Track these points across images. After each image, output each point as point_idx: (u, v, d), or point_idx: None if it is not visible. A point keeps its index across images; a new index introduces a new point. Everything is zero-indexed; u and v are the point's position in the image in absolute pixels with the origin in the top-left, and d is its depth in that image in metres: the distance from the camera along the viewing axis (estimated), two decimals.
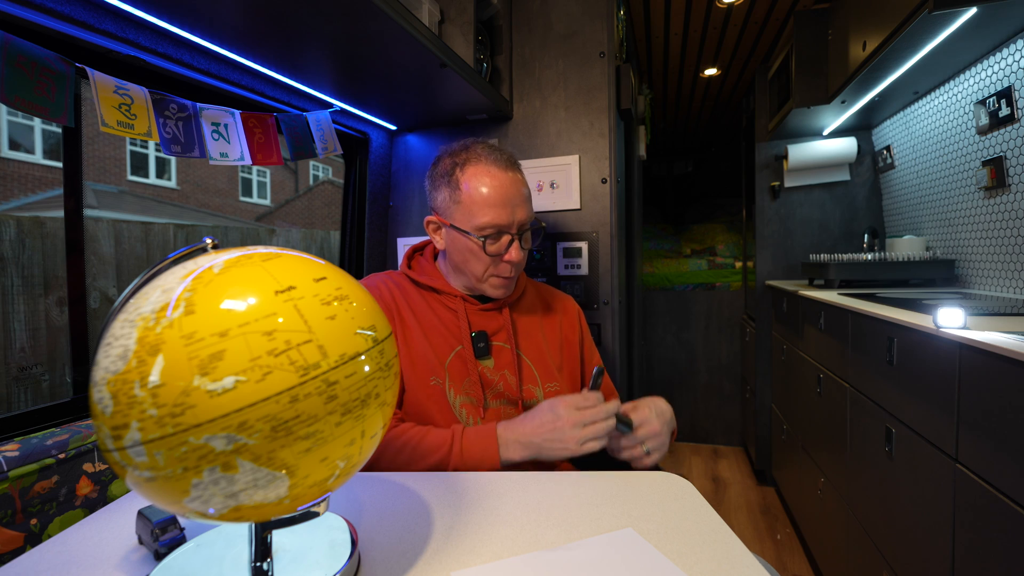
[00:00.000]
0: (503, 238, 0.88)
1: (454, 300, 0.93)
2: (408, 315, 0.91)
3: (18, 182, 7.15)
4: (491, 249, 0.87)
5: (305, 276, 0.39)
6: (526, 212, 0.89)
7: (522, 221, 0.88)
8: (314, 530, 0.51)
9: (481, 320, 0.93)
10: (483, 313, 0.94)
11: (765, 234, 2.55)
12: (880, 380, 1.21)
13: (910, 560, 1.07)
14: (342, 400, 0.37)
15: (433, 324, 0.91)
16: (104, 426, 0.34)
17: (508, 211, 0.86)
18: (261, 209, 11.23)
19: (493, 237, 0.87)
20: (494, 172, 0.87)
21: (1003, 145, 1.40)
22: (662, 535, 0.52)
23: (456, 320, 0.92)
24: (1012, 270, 1.42)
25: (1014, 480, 0.76)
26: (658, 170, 4.63)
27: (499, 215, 0.86)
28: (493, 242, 0.87)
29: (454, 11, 1.32)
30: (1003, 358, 0.77)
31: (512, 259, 0.88)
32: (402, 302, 0.92)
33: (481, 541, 0.52)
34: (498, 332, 0.94)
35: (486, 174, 0.87)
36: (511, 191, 0.87)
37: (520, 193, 0.89)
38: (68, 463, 0.75)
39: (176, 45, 0.94)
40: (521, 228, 0.89)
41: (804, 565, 1.87)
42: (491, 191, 0.86)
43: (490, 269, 0.89)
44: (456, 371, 0.88)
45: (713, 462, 2.91)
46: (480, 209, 0.86)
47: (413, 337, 0.89)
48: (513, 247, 0.88)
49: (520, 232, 0.89)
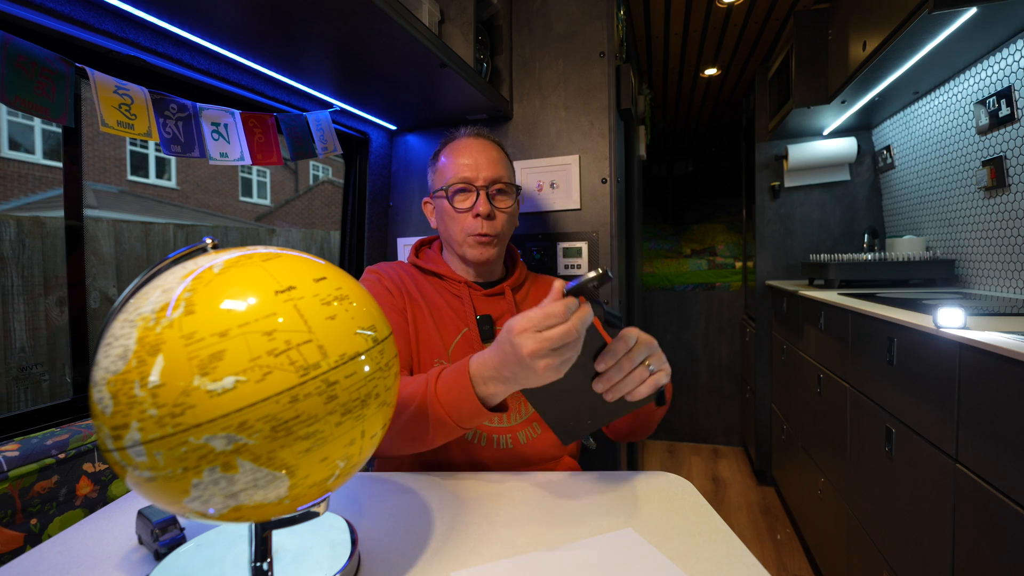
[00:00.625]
0: (471, 194, 0.93)
1: (459, 286, 0.95)
2: (417, 296, 0.93)
3: (18, 182, 7.15)
4: (458, 203, 0.93)
5: (305, 276, 0.39)
6: (494, 171, 0.94)
7: (489, 177, 0.93)
8: (314, 530, 0.51)
9: (486, 305, 0.95)
10: (487, 299, 0.96)
11: (765, 234, 2.55)
12: (880, 380, 1.21)
13: (910, 560, 1.07)
14: (342, 400, 0.37)
15: (440, 307, 0.93)
16: (104, 426, 0.34)
17: (472, 166, 0.93)
18: (261, 209, 11.23)
19: (461, 193, 0.93)
20: (464, 140, 0.97)
21: (1003, 145, 1.40)
22: (662, 535, 0.52)
23: (462, 305, 0.93)
24: (1012, 270, 1.42)
25: (1014, 480, 0.76)
26: (658, 170, 4.63)
27: (462, 168, 0.93)
28: (462, 198, 0.93)
29: (454, 11, 1.32)
30: (1003, 358, 0.77)
31: (479, 211, 0.91)
32: (411, 285, 0.94)
33: (481, 541, 0.52)
34: (502, 316, 0.95)
35: (458, 143, 0.97)
36: (475, 149, 0.95)
37: (486, 152, 0.95)
38: (68, 463, 0.75)
39: (176, 45, 0.94)
40: (489, 183, 0.93)
41: (804, 565, 1.87)
42: (457, 152, 0.95)
43: (465, 227, 0.92)
44: (461, 355, 0.88)
45: (713, 462, 2.91)
46: (448, 169, 0.94)
47: (421, 318, 0.90)
48: (480, 200, 0.92)
49: (488, 187, 0.93)
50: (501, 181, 0.94)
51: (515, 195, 0.98)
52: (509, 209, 0.96)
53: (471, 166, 0.93)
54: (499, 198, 0.95)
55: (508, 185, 0.96)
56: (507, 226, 0.96)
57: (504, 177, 0.95)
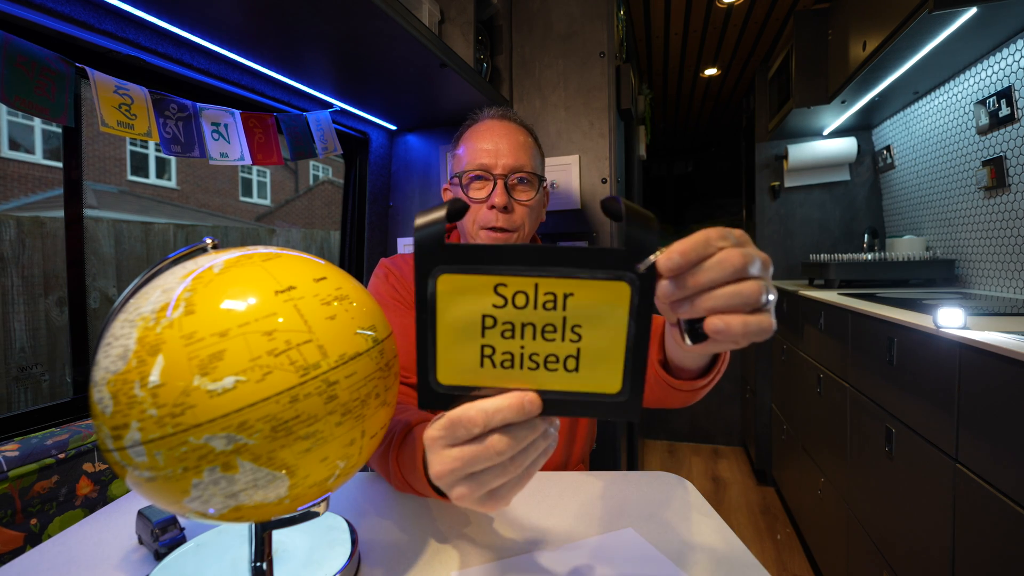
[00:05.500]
0: (488, 183, 0.84)
1: None
2: None
3: (18, 182, 7.15)
4: (473, 192, 0.84)
5: (305, 276, 0.39)
6: (515, 158, 0.84)
7: (509, 165, 0.83)
8: (314, 530, 0.51)
9: None
10: None
11: (765, 234, 2.55)
12: (880, 380, 1.21)
13: (910, 560, 1.07)
14: (342, 400, 0.37)
15: None
16: (104, 426, 0.34)
17: (491, 152, 0.83)
18: (261, 209, 11.23)
19: (477, 181, 0.84)
20: (487, 123, 0.87)
21: (1003, 145, 1.40)
22: (662, 535, 0.52)
23: None
24: (1012, 270, 1.42)
25: (1014, 480, 0.76)
26: (658, 170, 4.63)
27: (480, 155, 0.83)
28: (478, 187, 0.84)
29: (454, 11, 1.32)
30: (1003, 358, 0.77)
31: (495, 202, 0.82)
32: None
33: (481, 541, 0.52)
34: None
35: (480, 125, 0.88)
36: (497, 133, 0.85)
37: (509, 137, 0.85)
38: (68, 463, 0.75)
39: (176, 45, 0.94)
40: (509, 172, 0.83)
41: (804, 565, 1.87)
42: (478, 136, 0.86)
43: (479, 219, 0.84)
44: None
45: (713, 462, 2.91)
46: (467, 156, 0.85)
47: None
48: (497, 190, 0.82)
49: (507, 176, 0.83)
50: (523, 170, 0.84)
51: (539, 186, 0.87)
52: (531, 201, 0.85)
53: (491, 152, 0.83)
54: (519, 188, 0.85)
55: (531, 175, 0.85)
56: (528, 220, 0.86)
57: (527, 166, 0.85)
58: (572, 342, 0.33)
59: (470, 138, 0.87)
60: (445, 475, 0.35)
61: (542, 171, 0.91)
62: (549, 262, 0.31)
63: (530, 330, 0.33)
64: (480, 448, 0.34)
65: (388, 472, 0.58)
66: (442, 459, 0.35)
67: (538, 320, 0.33)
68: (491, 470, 0.34)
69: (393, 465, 0.55)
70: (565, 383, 0.34)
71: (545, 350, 0.33)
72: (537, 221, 0.90)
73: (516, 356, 0.33)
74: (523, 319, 0.33)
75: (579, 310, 0.32)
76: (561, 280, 0.32)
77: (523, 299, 0.32)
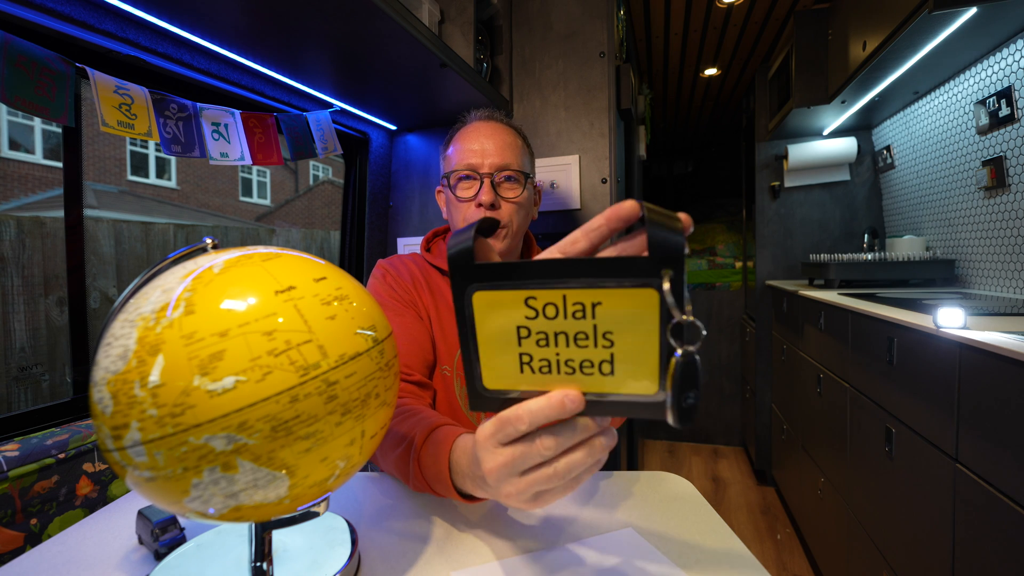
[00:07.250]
0: (475, 183, 0.86)
1: None
2: (427, 298, 0.88)
3: (18, 182, 7.15)
4: (461, 192, 0.86)
5: (305, 276, 0.39)
6: (502, 157, 0.86)
7: (496, 164, 0.85)
8: (314, 530, 0.51)
9: None
10: None
11: (765, 234, 2.55)
12: (880, 380, 1.21)
13: (910, 560, 1.07)
14: (342, 400, 0.37)
15: (447, 311, 0.88)
16: (104, 426, 0.34)
17: (478, 152, 0.85)
18: (261, 209, 11.23)
19: (465, 180, 0.86)
20: (474, 124, 0.89)
21: (1003, 145, 1.40)
22: (662, 535, 0.52)
23: None
24: (1012, 270, 1.42)
25: (1014, 480, 0.76)
26: (658, 170, 4.63)
27: (467, 155, 0.86)
28: (466, 186, 0.86)
29: (454, 11, 1.32)
30: (1003, 358, 0.77)
31: (481, 200, 0.84)
32: (422, 279, 0.89)
33: (481, 541, 0.52)
34: None
35: (467, 128, 0.90)
36: (484, 133, 0.87)
37: (495, 137, 0.87)
38: (68, 463, 0.75)
39: (176, 45, 0.94)
40: (495, 171, 0.85)
41: (804, 565, 1.87)
42: (465, 137, 0.88)
43: (468, 217, 0.85)
44: None
45: (713, 462, 2.91)
46: (455, 156, 0.87)
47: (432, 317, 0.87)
48: (483, 189, 0.84)
49: (493, 175, 0.85)
50: (509, 168, 0.86)
51: (526, 183, 0.89)
52: (518, 199, 0.87)
53: (477, 152, 0.86)
54: (506, 186, 0.87)
55: (518, 173, 0.87)
56: (516, 218, 0.87)
57: (513, 164, 0.87)
58: (605, 348, 0.33)
59: (458, 140, 0.89)
60: (495, 471, 0.37)
61: (530, 170, 0.93)
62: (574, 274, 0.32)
63: (563, 338, 0.34)
64: (528, 447, 0.36)
65: (406, 473, 0.58)
66: (494, 456, 0.37)
67: (569, 329, 0.33)
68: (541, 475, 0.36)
69: (414, 465, 0.56)
70: (603, 386, 0.35)
71: (580, 356, 0.34)
72: (527, 219, 0.91)
73: (553, 362, 0.35)
74: (555, 328, 0.34)
75: (609, 318, 0.33)
76: (587, 291, 0.32)
77: (553, 310, 0.33)
